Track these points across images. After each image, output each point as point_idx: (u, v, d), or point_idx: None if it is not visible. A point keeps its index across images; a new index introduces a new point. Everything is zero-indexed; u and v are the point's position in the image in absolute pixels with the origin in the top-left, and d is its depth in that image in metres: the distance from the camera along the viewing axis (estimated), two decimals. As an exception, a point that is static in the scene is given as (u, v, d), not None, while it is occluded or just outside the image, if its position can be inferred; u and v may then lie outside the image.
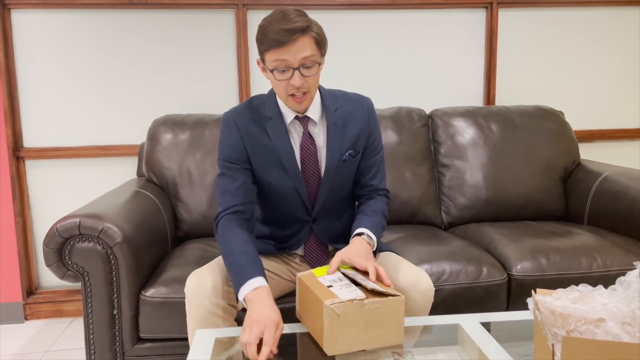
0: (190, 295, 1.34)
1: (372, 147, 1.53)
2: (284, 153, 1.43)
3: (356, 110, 1.51)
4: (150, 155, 2.16)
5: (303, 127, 1.46)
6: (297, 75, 1.32)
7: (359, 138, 1.49)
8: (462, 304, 1.71)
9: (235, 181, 1.43)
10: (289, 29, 1.27)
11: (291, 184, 1.45)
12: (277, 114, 1.45)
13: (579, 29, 2.64)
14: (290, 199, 1.48)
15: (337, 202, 1.54)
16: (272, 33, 1.28)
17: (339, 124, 1.47)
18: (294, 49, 1.30)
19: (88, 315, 1.62)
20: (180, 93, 2.48)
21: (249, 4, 2.42)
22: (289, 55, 1.30)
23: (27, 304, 2.47)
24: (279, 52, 1.30)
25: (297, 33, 1.28)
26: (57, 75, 2.41)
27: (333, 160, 1.46)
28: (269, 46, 1.30)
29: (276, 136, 1.43)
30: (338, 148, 1.46)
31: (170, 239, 2.00)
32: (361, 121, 1.50)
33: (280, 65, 1.32)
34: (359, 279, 1.23)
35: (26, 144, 2.44)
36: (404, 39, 2.55)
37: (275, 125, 1.44)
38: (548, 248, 1.82)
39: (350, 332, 1.13)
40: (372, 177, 1.55)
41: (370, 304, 1.13)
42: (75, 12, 2.38)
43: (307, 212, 1.50)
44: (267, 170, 1.45)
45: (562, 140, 2.33)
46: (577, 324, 0.87)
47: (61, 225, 1.57)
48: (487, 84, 2.61)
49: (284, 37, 1.28)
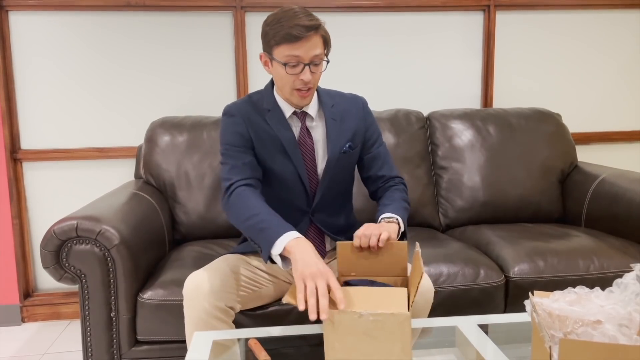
0: (189, 297, 1.34)
1: (372, 141, 1.58)
2: (285, 139, 1.46)
3: (351, 107, 1.57)
4: (148, 157, 2.16)
5: (301, 122, 1.50)
6: (307, 71, 1.37)
7: (357, 133, 1.54)
8: (459, 306, 1.71)
9: (243, 159, 1.44)
10: (306, 25, 1.33)
11: (294, 169, 1.47)
12: (276, 107, 1.49)
13: (576, 32, 2.65)
14: (292, 186, 1.49)
15: (336, 197, 1.56)
16: (287, 28, 1.33)
17: (336, 119, 1.52)
18: (308, 46, 1.35)
19: (85, 318, 1.62)
20: (178, 95, 2.48)
21: (247, 6, 2.42)
22: (302, 51, 1.35)
23: (24, 307, 2.46)
24: (292, 47, 1.34)
25: (312, 30, 1.34)
26: (55, 77, 2.41)
27: (334, 152, 1.50)
28: (282, 40, 1.34)
29: (277, 124, 1.47)
30: (338, 140, 1.50)
31: (167, 241, 2.00)
32: (357, 117, 1.56)
33: (292, 60, 1.36)
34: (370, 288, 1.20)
35: (24, 146, 2.43)
36: (401, 41, 2.56)
37: (275, 115, 1.48)
38: (545, 250, 1.82)
39: (348, 342, 1.11)
40: (381, 167, 1.58)
41: (368, 316, 1.09)
42: (73, 14, 2.38)
43: (307, 201, 1.51)
44: (269, 156, 1.48)
45: (559, 143, 2.34)
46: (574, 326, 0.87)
47: (58, 228, 1.56)
48: (484, 87, 2.62)
49: (301, 32, 1.32)
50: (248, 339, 1.21)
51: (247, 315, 1.52)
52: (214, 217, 2.10)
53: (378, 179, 1.58)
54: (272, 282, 1.52)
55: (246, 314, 1.52)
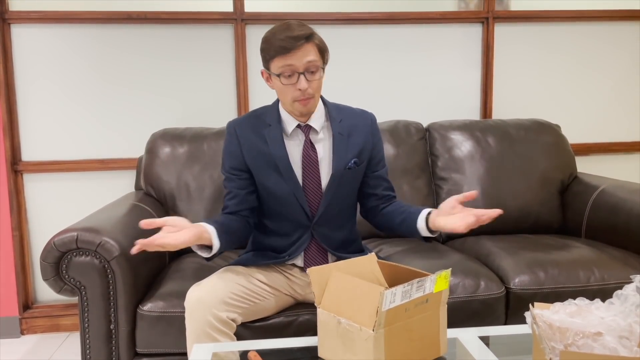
0: (191, 309, 1.34)
1: (377, 159, 1.59)
2: (278, 157, 1.48)
3: (360, 123, 1.57)
4: (148, 169, 2.16)
5: (305, 135, 1.50)
6: (302, 79, 1.40)
7: (363, 149, 1.55)
8: (460, 318, 1.70)
9: (239, 185, 1.53)
10: (294, 36, 1.38)
11: (287, 189, 1.49)
12: (277, 122, 1.51)
13: (575, 43, 2.66)
14: (288, 203, 1.50)
15: (340, 212, 1.56)
16: (278, 41, 1.38)
17: (344, 134, 1.52)
18: (299, 54, 1.39)
19: (85, 330, 1.61)
20: (178, 107, 2.49)
21: (247, 18, 2.44)
22: (294, 60, 1.39)
23: (23, 319, 2.45)
24: (285, 58, 1.38)
25: (302, 40, 1.38)
26: (56, 88, 2.42)
27: (339, 168, 1.50)
28: (275, 53, 1.39)
29: (272, 142, 1.49)
30: (344, 155, 1.51)
31: (167, 253, 2.00)
32: (365, 133, 1.56)
33: (286, 71, 1.40)
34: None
35: (24, 158, 2.44)
36: (401, 53, 2.57)
37: (273, 131, 1.50)
38: (546, 261, 1.82)
39: (331, 344, 1.12)
40: (387, 187, 1.61)
41: (345, 324, 1.08)
42: (75, 27, 2.40)
43: (307, 217, 1.51)
44: (265, 175, 1.50)
45: (558, 154, 2.34)
46: (574, 337, 0.87)
47: (58, 239, 1.56)
48: (483, 98, 2.63)
49: (290, 43, 1.37)
50: (248, 352, 1.21)
51: (247, 327, 1.51)
52: (214, 229, 2.10)
53: (384, 197, 1.60)
54: (273, 294, 1.52)
55: (246, 325, 1.51)
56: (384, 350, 1.05)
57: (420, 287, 1.08)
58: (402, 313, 1.06)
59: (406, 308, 1.06)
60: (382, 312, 1.02)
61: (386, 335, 1.05)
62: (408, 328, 1.09)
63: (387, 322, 1.05)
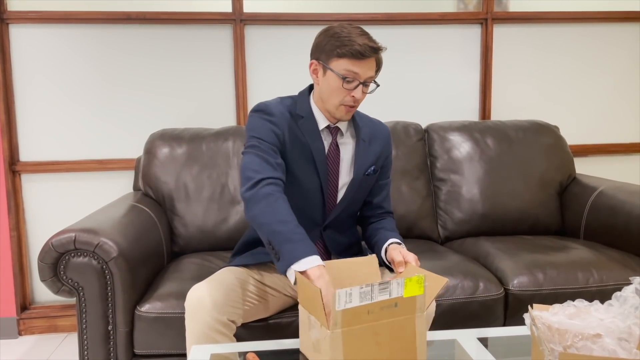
0: (191, 310, 1.33)
1: (385, 169, 1.61)
2: (316, 149, 1.47)
3: (379, 132, 1.60)
4: (146, 170, 2.16)
5: (332, 136, 1.51)
6: (359, 89, 1.40)
7: (380, 157, 1.57)
8: (458, 319, 1.70)
9: (275, 158, 1.40)
10: (373, 47, 1.37)
11: (317, 181, 1.48)
12: (310, 115, 1.49)
13: (574, 45, 2.67)
14: (312, 197, 1.49)
15: (348, 217, 1.59)
16: (357, 44, 1.35)
17: (366, 140, 1.54)
18: (368, 66, 1.39)
19: (82, 331, 1.61)
20: (177, 107, 2.49)
21: (246, 19, 2.44)
22: (362, 69, 1.38)
23: (21, 319, 2.45)
24: (355, 64, 1.37)
25: (378, 52, 1.39)
26: (55, 89, 2.42)
27: (359, 173, 1.51)
28: (347, 54, 1.36)
29: (309, 132, 1.47)
30: (365, 162, 1.52)
31: (166, 254, 2.00)
32: (383, 144, 1.59)
33: (349, 75, 1.38)
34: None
35: (22, 158, 2.44)
36: (399, 54, 2.57)
37: (308, 123, 1.48)
38: (545, 263, 1.82)
39: (306, 340, 1.16)
40: (384, 199, 1.62)
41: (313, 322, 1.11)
42: (74, 27, 2.40)
43: (322, 215, 1.51)
44: (297, 163, 1.46)
45: (557, 155, 2.35)
46: (574, 339, 0.87)
47: (56, 240, 1.56)
48: (482, 99, 2.63)
49: (368, 52, 1.36)
50: (246, 353, 1.21)
51: (246, 327, 1.51)
52: (213, 230, 2.10)
53: (377, 208, 1.61)
54: (274, 295, 1.52)
55: (245, 326, 1.51)
56: (342, 350, 1.04)
57: (385, 290, 1.05)
58: (364, 315, 1.04)
59: (369, 310, 1.04)
60: (338, 312, 1.01)
61: (345, 336, 1.03)
62: (374, 331, 1.06)
63: (346, 323, 1.03)
